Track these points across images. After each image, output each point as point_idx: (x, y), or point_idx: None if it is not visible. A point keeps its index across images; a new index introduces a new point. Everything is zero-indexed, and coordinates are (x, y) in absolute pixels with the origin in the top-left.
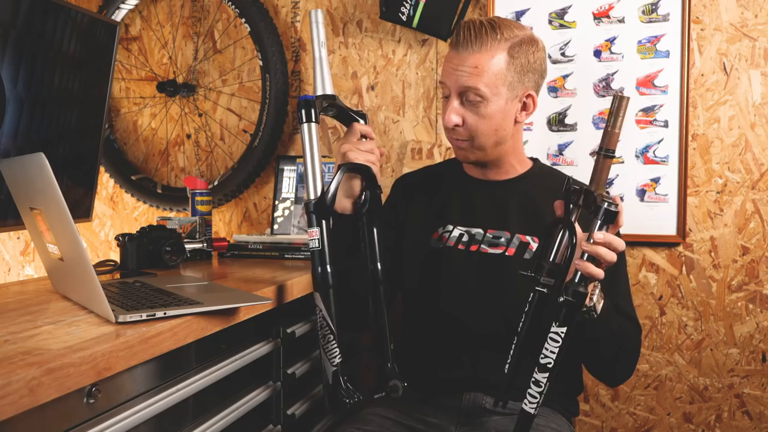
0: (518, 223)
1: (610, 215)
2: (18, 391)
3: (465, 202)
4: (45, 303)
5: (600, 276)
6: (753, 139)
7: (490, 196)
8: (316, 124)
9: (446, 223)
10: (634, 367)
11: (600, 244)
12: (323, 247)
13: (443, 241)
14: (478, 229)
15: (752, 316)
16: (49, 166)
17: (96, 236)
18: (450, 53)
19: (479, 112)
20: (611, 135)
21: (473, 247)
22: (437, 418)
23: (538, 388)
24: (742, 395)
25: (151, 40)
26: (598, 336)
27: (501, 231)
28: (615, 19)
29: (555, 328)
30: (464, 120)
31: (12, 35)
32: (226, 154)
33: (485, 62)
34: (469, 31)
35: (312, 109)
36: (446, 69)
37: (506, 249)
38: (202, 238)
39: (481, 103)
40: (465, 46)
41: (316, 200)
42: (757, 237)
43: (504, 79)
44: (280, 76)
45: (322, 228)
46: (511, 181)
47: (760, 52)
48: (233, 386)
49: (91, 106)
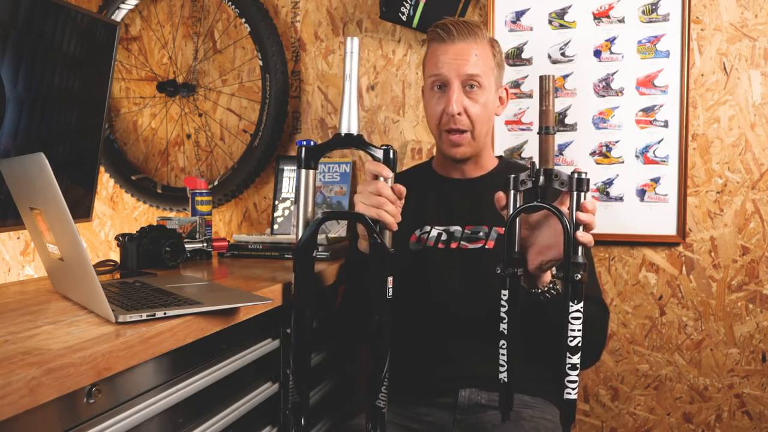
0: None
1: (584, 182)
2: (18, 391)
3: (441, 201)
4: (45, 303)
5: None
6: (753, 139)
7: (465, 193)
8: (313, 170)
9: (423, 225)
10: (602, 349)
11: (590, 210)
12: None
13: (422, 242)
14: (456, 227)
15: (752, 316)
16: (49, 166)
17: (96, 236)
18: (441, 47)
19: (479, 101)
20: (547, 113)
21: (453, 245)
22: (433, 416)
23: (575, 372)
24: (742, 395)
25: (151, 40)
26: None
27: (479, 226)
28: (615, 19)
29: (574, 306)
30: (465, 109)
31: (12, 35)
32: (226, 154)
33: (482, 51)
34: (460, 24)
35: (309, 158)
36: (442, 60)
37: (485, 242)
38: (202, 238)
39: (479, 91)
40: (461, 36)
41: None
42: (757, 237)
43: (492, 71)
44: (280, 76)
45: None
46: (485, 176)
47: (760, 52)
48: (233, 386)
49: (91, 106)
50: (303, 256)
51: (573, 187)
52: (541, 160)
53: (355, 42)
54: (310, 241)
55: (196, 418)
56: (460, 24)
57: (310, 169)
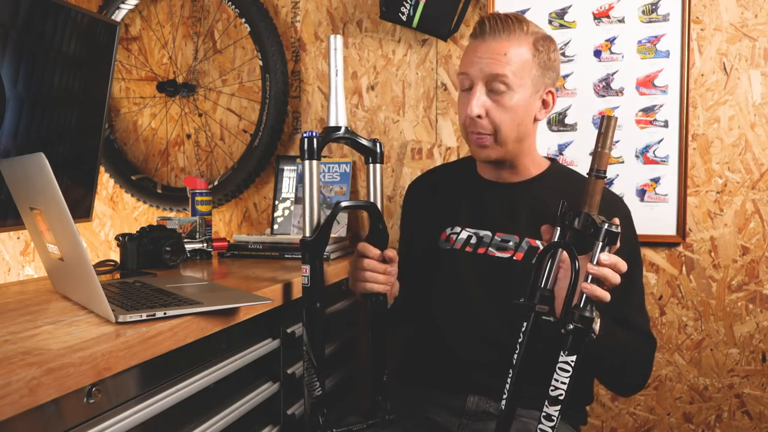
0: (528, 226)
1: (613, 236)
2: (18, 391)
3: (475, 203)
4: (45, 303)
5: (607, 298)
6: (753, 139)
7: (501, 198)
8: (317, 161)
9: (454, 225)
10: (646, 378)
11: (606, 265)
12: (311, 284)
13: (450, 242)
14: (487, 232)
15: (752, 316)
16: (49, 166)
17: (96, 236)
18: (473, 44)
19: (504, 104)
20: (602, 156)
21: (480, 250)
22: (440, 416)
23: (549, 422)
24: (742, 395)
25: (151, 40)
26: (601, 353)
27: (510, 234)
28: (615, 19)
29: (564, 357)
30: (487, 112)
31: (12, 35)
32: (226, 154)
33: (513, 50)
34: (495, 20)
35: (314, 147)
36: (469, 59)
37: (514, 253)
38: (202, 238)
39: (506, 94)
40: (492, 34)
41: (310, 239)
42: (757, 237)
43: (529, 72)
44: (280, 76)
45: (314, 266)
46: (524, 183)
47: (760, 52)
48: (233, 386)
49: (91, 106)
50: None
51: (599, 237)
52: (583, 202)
53: (338, 39)
54: (324, 232)
55: (196, 418)
56: (496, 19)
57: (315, 159)
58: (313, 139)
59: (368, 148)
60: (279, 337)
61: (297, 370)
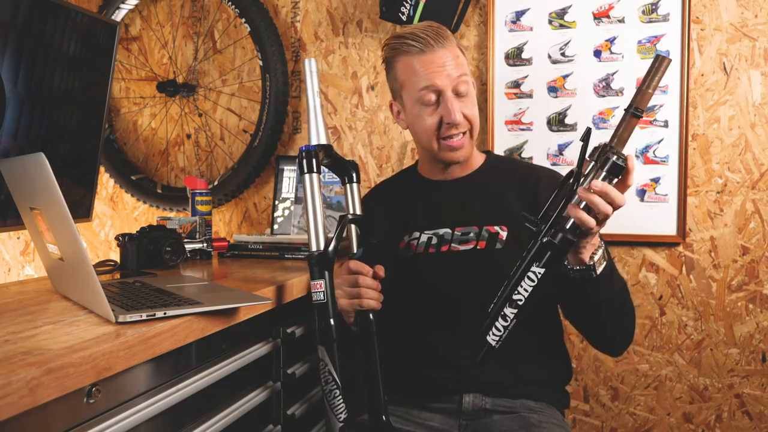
0: (484, 214)
1: (615, 168)
2: (18, 391)
3: (428, 205)
4: (45, 303)
5: (591, 224)
6: (753, 139)
7: (453, 194)
8: (317, 174)
9: (412, 231)
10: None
11: (596, 192)
12: (327, 300)
13: (411, 249)
14: (446, 229)
15: (752, 316)
16: (49, 166)
17: (96, 236)
18: (423, 58)
19: (471, 101)
20: (644, 94)
21: (444, 248)
22: (438, 421)
23: (504, 321)
24: (742, 395)
25: (151, 40)
26: (600, 298)
27: (468, 227)
28: (615, 19)
29: (534, 268)
30: (462, 112)
31: (12, 35)
32: (226, 154)
33: (456, 51)
34: (429, 31)
35: (313, 160)
36: (429, 71)
37: (477, 243)
38: (202, 238)
39: (469, 92)
40: (437, 43)
41: (319, 253)
42: (757, 237)
43: (467, 66)
44: (280, 76)
45: (326, 280)
46: (472, 174)
47: (760, 52)
48: (233, 386)
49: (91, 106)
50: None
51: (604, 166)
52: (613, 135)
53: (312, 62)
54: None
55: (196, 418)
56: (427, 30)
57: (316, 173)
58: (312, 153)
59: (346, 168)
60: (279, 337)
61: (297, 370)
